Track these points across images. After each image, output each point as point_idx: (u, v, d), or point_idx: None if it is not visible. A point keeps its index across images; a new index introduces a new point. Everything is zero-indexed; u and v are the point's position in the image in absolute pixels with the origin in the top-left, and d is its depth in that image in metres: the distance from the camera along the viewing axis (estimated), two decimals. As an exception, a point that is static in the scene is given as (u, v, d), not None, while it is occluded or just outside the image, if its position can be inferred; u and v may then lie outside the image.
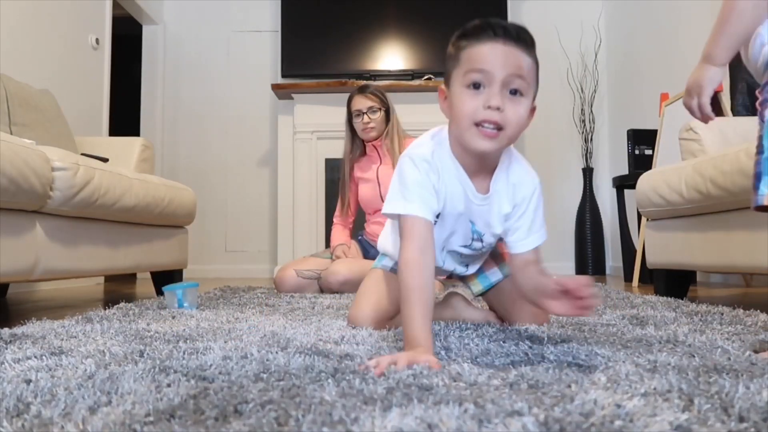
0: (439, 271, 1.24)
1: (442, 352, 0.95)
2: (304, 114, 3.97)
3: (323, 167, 3.98)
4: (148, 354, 0.94)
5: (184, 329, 1.22)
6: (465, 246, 1.18)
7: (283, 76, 4.05)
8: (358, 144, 2.62)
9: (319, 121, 3.94)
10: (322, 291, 2.34)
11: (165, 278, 2.45)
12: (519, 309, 1.26)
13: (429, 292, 0.95)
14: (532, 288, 1.05)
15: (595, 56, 4.32)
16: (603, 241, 4.15)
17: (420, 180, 1.02)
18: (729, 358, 0.88)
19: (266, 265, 4.20)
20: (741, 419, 0.59)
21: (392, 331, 1.19)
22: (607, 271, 4.23)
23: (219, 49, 4.33)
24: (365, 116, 2.52)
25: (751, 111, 2.75)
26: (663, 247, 2.21)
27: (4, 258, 1.44)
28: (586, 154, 4.25)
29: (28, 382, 0.75)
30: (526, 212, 1.10)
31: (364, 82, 3.83)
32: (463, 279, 1.35)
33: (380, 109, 2.54)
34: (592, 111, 4.30)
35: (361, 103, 2.53)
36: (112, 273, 2.04)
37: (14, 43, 2.70)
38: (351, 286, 2.25)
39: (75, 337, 1.14)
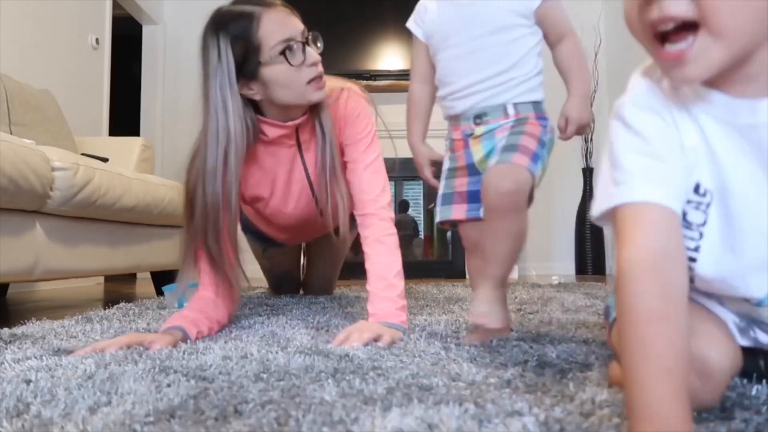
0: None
1: (442, 353, 0.95)
2: (304, 114, 3.98)
3: (323, 167, 3.97)
4: (148, 354, 0.94)
5: (184, 329, 1.22)
6: None
7: (283, 76, 4.05)
8: (253, 125, 1.30)
9: (319, 121, 3.94)
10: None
11: (165, 278, 2.45)
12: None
13: (678, 327, 0.52)
14: None
15: (595, 56, 4.31)
16: (603, 241, 4.14)
17: (635, 143, 0.59)
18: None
19: (266, 265, 4.20)
20: (741, 419, 0.59)
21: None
22: (607, 271, 4.22)
23: (219, 49, 4.33)
24: (313, 50, 1.32)
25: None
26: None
27: (4, 258, 1.44)
28: (585, 154, 4.24)
29: (28, 382, 0.75)
30: None
31: (365, 83, 3.83)
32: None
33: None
34: (592, 110, 4.29)
35: (295, 24, 1.29)
36: (112, 273, 2.04)
37: (14, 43, 2.69)
38: None
39: (75, 337, 1.14)
